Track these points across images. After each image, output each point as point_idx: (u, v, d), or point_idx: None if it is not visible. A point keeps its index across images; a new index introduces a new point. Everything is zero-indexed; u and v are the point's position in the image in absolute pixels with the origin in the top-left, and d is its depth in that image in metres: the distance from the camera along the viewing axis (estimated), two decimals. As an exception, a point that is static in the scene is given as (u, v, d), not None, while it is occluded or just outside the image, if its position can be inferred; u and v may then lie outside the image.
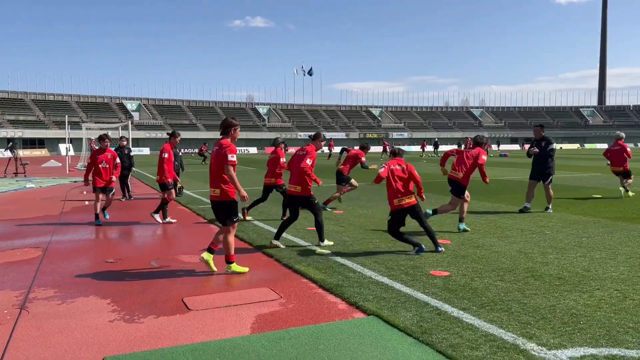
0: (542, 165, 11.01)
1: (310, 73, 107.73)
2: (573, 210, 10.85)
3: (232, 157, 5.89)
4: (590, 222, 9.33)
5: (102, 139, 10.45)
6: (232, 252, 6.15)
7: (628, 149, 13.62)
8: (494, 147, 76.51)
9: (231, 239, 6.13)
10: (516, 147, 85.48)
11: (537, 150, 10.99)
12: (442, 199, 13.38)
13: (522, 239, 7.92)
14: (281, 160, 10.01)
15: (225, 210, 6.05)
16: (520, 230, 8.66)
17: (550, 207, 10.94)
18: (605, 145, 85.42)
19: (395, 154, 7.40)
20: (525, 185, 17.06)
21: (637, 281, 5.53)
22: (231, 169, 5.91)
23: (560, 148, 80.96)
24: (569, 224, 9.16)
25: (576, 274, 5.87)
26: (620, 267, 6.15)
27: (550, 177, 11.01)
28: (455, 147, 54.92)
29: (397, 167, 7.14)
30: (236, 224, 6.14)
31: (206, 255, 6.17)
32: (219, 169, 6.01)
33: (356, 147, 12.60)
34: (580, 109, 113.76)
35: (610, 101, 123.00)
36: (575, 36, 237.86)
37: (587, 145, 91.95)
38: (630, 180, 13.54)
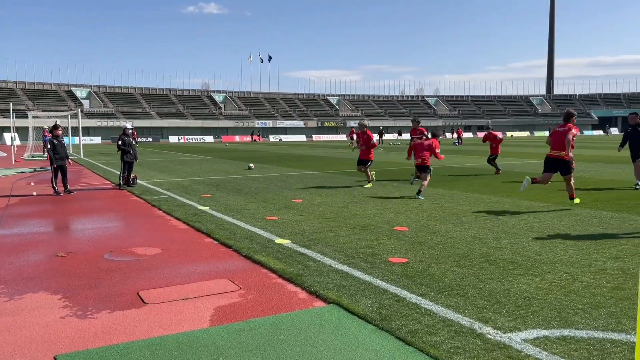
0: (637, 147, 12.31)
1: (265, 59, 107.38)
2: (524, 196, 11.19)
3: (570, 136, 9.50)
4: (541, 208, 9.65)
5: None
6: (574, 193, 9.83)
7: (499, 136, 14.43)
8: (448, 135, 77.63)
9: (572, 183, 9.76)
10: (469, 134, 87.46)
11: None
12: (400, 186, 13.54)
13: (476, 224, 8.11)
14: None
15: (566, 166, 9.54)
16: (474, 216, 8.87)
17: None
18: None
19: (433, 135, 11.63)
20: (480, 171, 17.55)
21: (585, 264, 5.76)
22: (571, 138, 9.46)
23: (512, 136, 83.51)
24: (521, 210, 9.45)
25: (528, 258, 6.06)
26: (569, 250, 6.38)
27: None
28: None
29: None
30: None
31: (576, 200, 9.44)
32: (563, 139, 9.53)
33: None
34: (530, 98, 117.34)
35: (558, 90, 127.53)
36: (523, 27, 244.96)
37: (537, 133, 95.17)
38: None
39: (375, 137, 15.89)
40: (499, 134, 17.51)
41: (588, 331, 3.90)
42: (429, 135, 12.20)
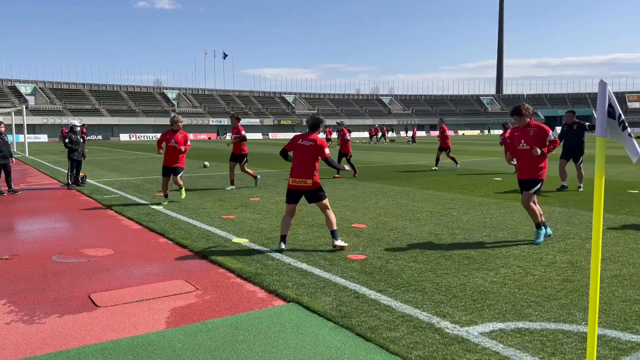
0: (573, 146, 12.00)
1: (224, 56, 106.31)
2: (477, 193, 11.48)
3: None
4: (493, 204, 9.92)
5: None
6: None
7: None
8: (402, 133, 78.91)
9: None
10: (422, 132, 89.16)
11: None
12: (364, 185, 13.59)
13: (431, 221, 8.24)
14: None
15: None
16: (429, 212, 9.01)
17: (582, 185, 11.90)
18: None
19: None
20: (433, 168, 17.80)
21: (537, 258, 5.95)
22: None
23: (463, 135, 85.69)
24: (474, 206, 9.68)
25: (483, 252, 6.20)
26: (521, 245, 6.58)
27: (582, 157, 12.03)
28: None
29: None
30: None
31: None
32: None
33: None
34: (480, 97, 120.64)
35: (507, 90, 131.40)
36: (474, 28, 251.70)
37: (486, 132, 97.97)
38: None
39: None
40: (348, 134, 16.28)
41: (541, 323, 4.02)
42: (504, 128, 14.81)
